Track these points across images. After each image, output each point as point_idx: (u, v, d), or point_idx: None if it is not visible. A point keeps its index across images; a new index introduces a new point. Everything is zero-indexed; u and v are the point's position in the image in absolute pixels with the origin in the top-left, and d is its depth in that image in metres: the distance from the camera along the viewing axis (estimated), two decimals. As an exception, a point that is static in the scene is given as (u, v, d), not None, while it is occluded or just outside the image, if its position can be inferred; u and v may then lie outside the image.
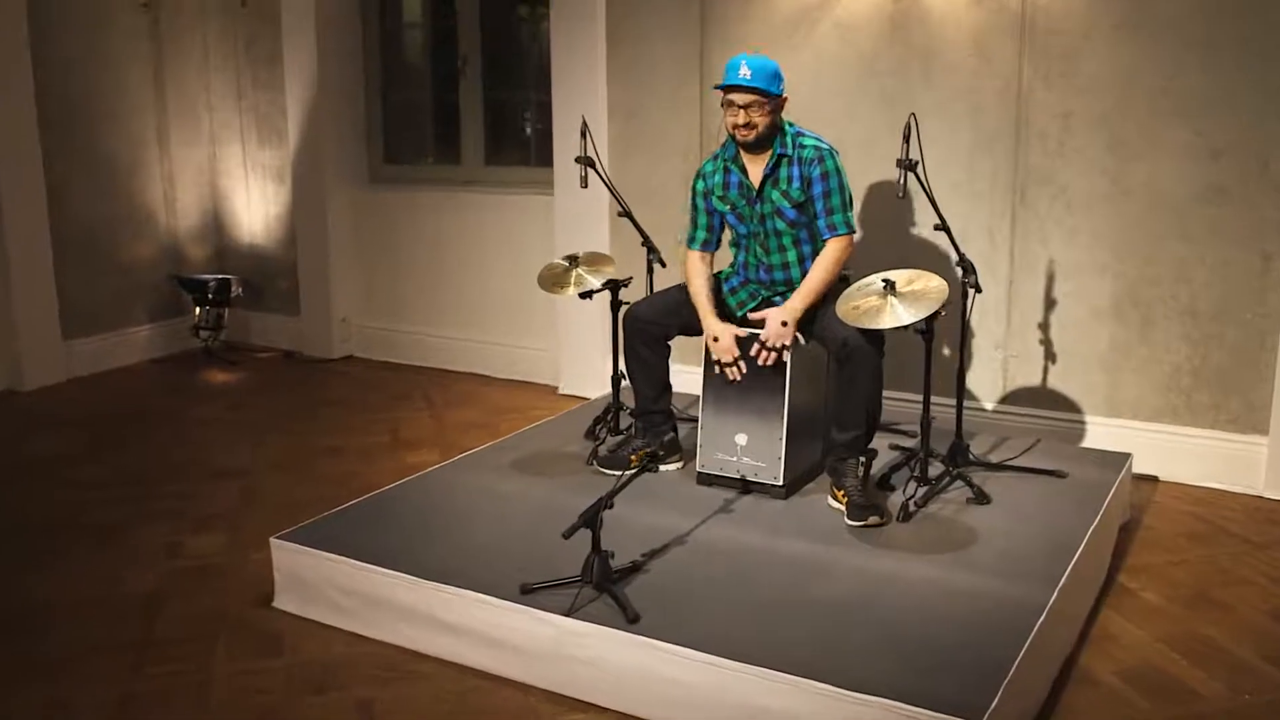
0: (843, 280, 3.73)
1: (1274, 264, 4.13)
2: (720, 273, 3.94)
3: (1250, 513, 4.09)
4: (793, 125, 3.71)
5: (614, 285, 4.15)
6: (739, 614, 2.90)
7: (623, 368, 4.06)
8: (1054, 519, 3.49)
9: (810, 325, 3.65)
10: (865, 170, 4.58)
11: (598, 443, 4.17)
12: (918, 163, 3.37)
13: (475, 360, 6.10)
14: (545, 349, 5.80)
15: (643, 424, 3.97)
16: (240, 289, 6.60)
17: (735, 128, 3.61)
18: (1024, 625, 2.74)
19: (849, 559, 3.23)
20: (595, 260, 4.22)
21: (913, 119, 3.37)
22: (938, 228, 3.58)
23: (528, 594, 2.97)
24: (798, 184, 3.65)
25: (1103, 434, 4.47)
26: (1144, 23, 4.20)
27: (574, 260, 4.18)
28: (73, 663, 3.09)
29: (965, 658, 2.65)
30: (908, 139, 3.33)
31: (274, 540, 3.39)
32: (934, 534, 3.40)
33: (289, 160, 6.42)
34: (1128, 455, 4.05)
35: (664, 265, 4.28)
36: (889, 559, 3.22)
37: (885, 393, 3.67)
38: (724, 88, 3.59)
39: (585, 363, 5.48)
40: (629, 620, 2.83)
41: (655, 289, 4.14)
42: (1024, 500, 3.67)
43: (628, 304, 3.96)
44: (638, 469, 3.47)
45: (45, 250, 5.90)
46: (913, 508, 3.51)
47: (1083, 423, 4.53)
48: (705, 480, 3.78)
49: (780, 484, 3.65)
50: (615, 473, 3.64)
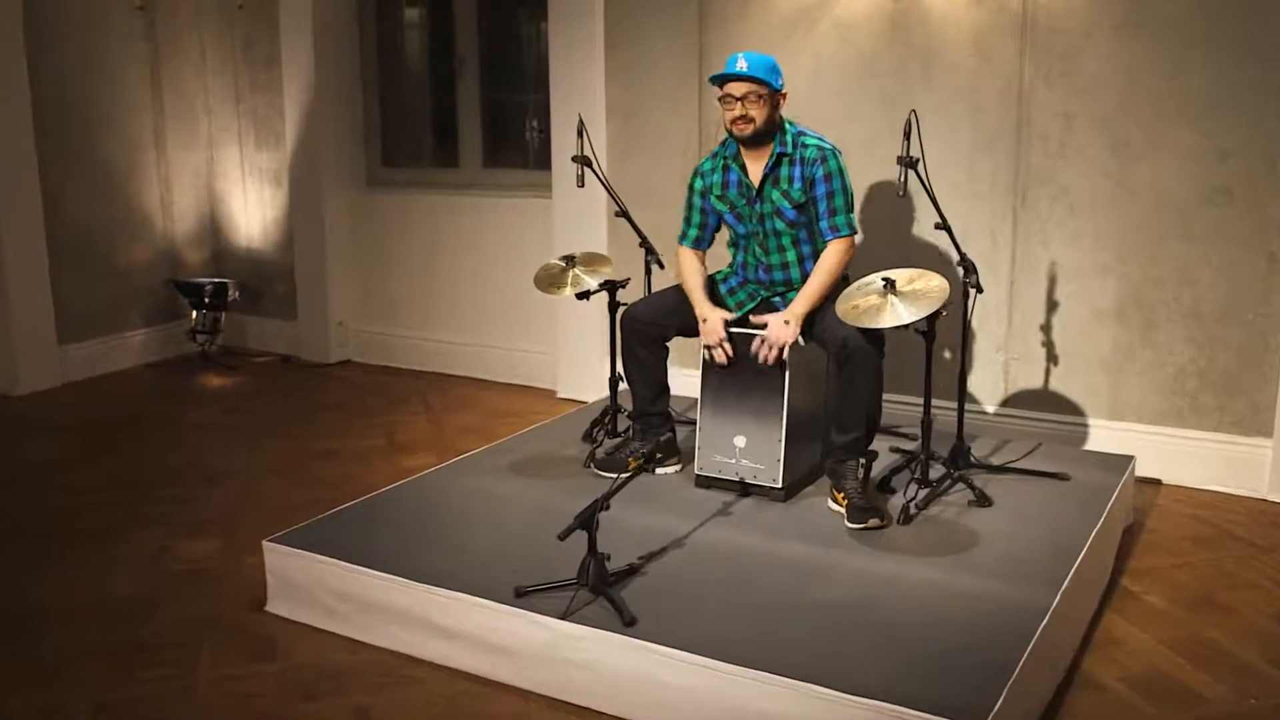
0: (842, 280, 3.69)
1: (1279, 265, 4.09)
2: (718, 273, 3.91)
3: (1255, 516, 4.05)
4: (794, 124, 3.68)
5: (611, 286, 4.11)
6: (737, 617, 2.86)
7: (620, 370, 4.02)
8: (1057, 521, 3.45)
9: (810, 326, 3.61)
10: (865, 171, 4.55)
11: (595, 445, 4.13)
12: (918, 160, 3.33)
13: (473, 364, 6.06)
14: (544, 353, 5.77)
15: (640, 426, 3.93)
16: (237, 293, 6.57)
17: (733, 122, 3.57)
18: (1027, 628, 2.70)
19: (849, 561, 3.19)
20: (592, 261, 4.18)
21: (913, 115, 3.33)
22: (938, 226, 3.54)
23: (523, 597, 2.93)
24: (799, 184, 3.61)
25: (1105, 437, 4.43)
26: (1144, 22, 4.17)
27: (571, 260, 4.14)
28: (67, 667, 3.06)
29: (967, 661, 2.61)
30: (908, 136, 3.29)
31: (266, 543, 3.35)
32: (935, 536, 3.36)
33: (286, 163, 6.38)
34: (1131, 458, 4.01)
35: (662, 267, 4.25)
36: (889, 561, 3.18)
37: (885, 395, 3.63)
38: (720, 79, 3.55)
39: (584, 366, 5.45)
40: (625, 623, 2.79)
41: (653, 290, 4.11)
42: (1026, 503, 3.63)
43: (625, 305, 3.92)
44: (635, 470, 3.43)
45: (40, 254, 5.87)
46: (913, 510, 3.47)
47: (1085, 426, 4.49)
48: (703, 483, 3.74)
49: (779, 486, 3.61)
50: (613, 475, 3.59)
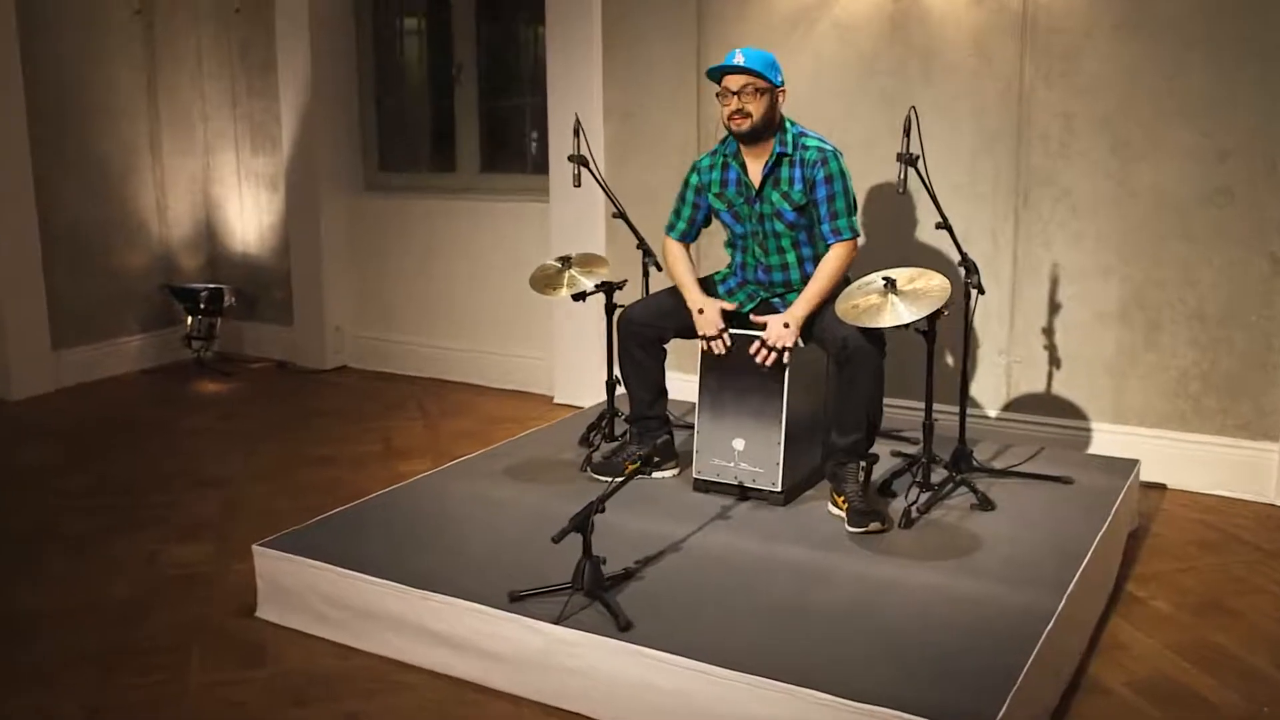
0: (843, 282, 3.63)
1: (1283, 266, 4.06)
2: (716, 274, 3.86)
3: (1261, 520, 3.99)
4: (795, 125, 3.63)
5: (608, 288, 4.06)
6: (735, 622, 2.81)
7: (617, 373, 3.97)
8: (1060, 525, 3.40)
9: (809, 326, 3.55)
10: (865, 171, 4.49)
11: (592, 449, 4.08)
12: (919, 157, 3.28)
13: (470, 370, 6.01)
14: (541, 358, 5.72)
15: (638, 429, 3.88)
16: (233, 299, 6.52)
17: (730, 116, 3.52)
18: (1031, 632, 2.64)
19: (849, 565, 3.13)
20: (589, 262, 4.13)
21: (913, 112, 3.28)
22: (939, 226, 3.49)
23: (516, 602, 2.87)
24: (799, 186, 3.56)
25: (1109, 441, 4.37)
26: (1145, 22, 4.13)
27: (567, 261, 4.09)
28: (59, 671, 3.02)
29: (970, 666, 2.56)
30: (908, 132, 3.24)
31: (256, 547, 3.30)
32: (937, 540, 3.31)
33: (283, 168, 6.34)
34: (1135, 462, 3.96)
35: (659, 269, 4.19)
36: (890, 565, 3.13)
37: (886, 399, 3.58)
38: (717, 72, 3.51)
39: (581, 372, 5.39)
40: (621, 628, 2.73)
41: (650, 292, 4.05)
42: (1029, 507, 3.57)
43: (622, 307, 3.87)
44: (631, 473, 3.37)
45: (35, 259, 5.83)
46: (915, 514, 3.42)
47: (1088, 430, 4.44)
48: (701, 486, 3.69)
49: (778, 490, 3.56)
50: (610, 479, 3.54)
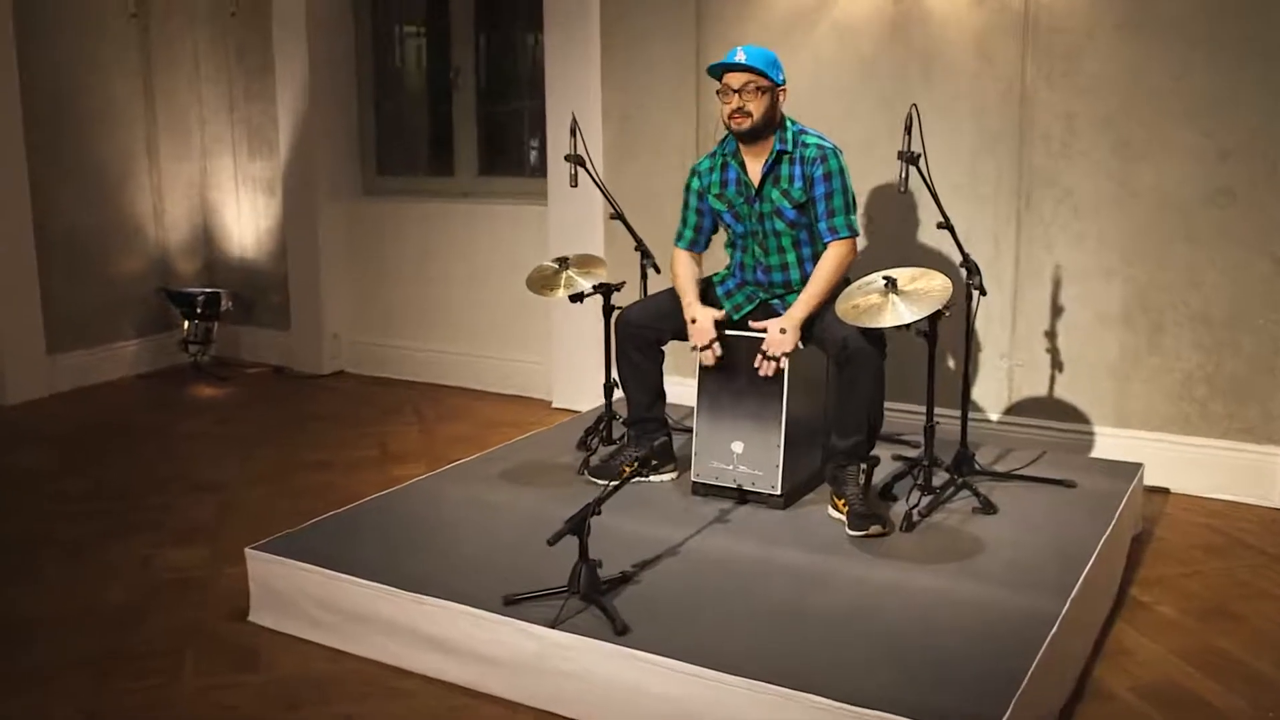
0: (843, 283, 3.59)
1: (1287, 267, 4.01)
2: (715, 275, 3.82)
3: (1267, 525, 3.95)
4: (795, 123, 3.60)
5: (606, 290, 4.02)
6: (733, 626, 2.77)
7: (615, 375, 3.93)
8: (1064, 529, 3.35)
9: (809, 327, 3.51)
10: (865, 172, 4.45)
11: (589, 453, 4.03)
12: (919, 155, 3.24)
13: (467, 374, 5.97)
14: (539, 362, 5.68)
15: (636, 432, 3.83)
16: (230, 303, 6.48)
17: (730, 115, 3.48)
18: (1035, 636, 2.60)
19: (849, 569, 3.09)
20: (586, 262, 4.09)
21: (914, 110, 3.24)
22: (941, 226, 3.45)
23: (511, 605, 2.83)
24: (799, 183, 3.53)
25: (1112, 445, 4.32)
26: (1147, 22, 4.10)
27: (564, 262, 4.05)
28: (53, 676, 2.98)
29: (972, 670, 2.51)
30: (909, 130, 3.20)
31: (249, 551, 3.26)
32: (938, 544, 3.26)
33: (280, 172, 6.30)
34: (1139, 465, 3.92)
35: (658, 271, 4.15)
36: (891, 569, 3.08)
37: (886, 403, 3.54)
38: (718, 69, 3.48)
39: (580, 376, 5.34)
40: (617, 632, 2.69)
41: (649, 294, 4.01)
42: (1032, 510, 3.53)
43: (620, 309, 3.83)
44: (629, 475, 3.33)
45: (30, 262, 5.78)
46: (916, 517, 3.37)
47: (1091, 434, 4.39)
48: (700, 490, 3.64)
49: (778, 493, 3.51)
50: (607, 482, 3.50)
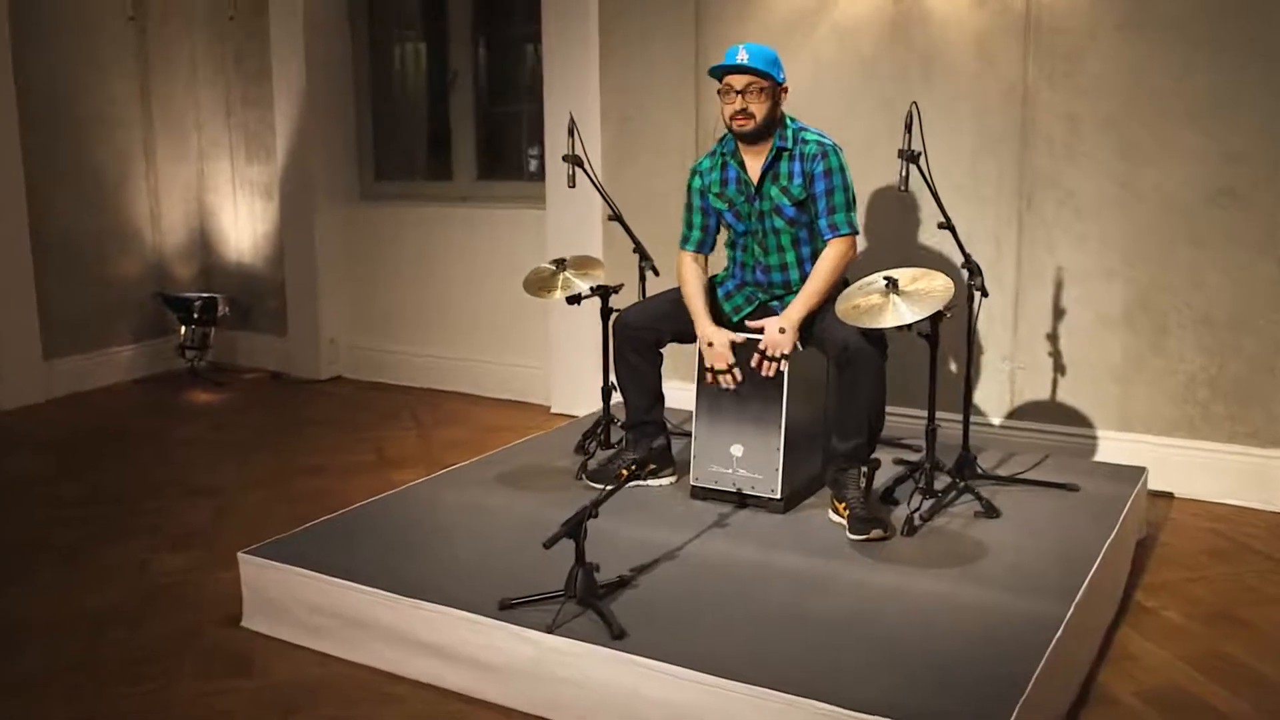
0: (842, 284, 3.56)
1: (1292, 269, 3.97)
2: (715, 276, 3.78)
3: (1273, 529, 3.90)
4: (795, 120, 3.56)
5: (604, 292, 3.98)
6: (731, 631, 2.72)
7: (613, 379, 3.88)
8: (1067, 533, 3.31)
9: (809, 329, 3.47)
10: (866, 174, 4.40)
11: (587, 457, 3.99)
12: (920, 154, 3.20)
13: (466, 380, 5.93)
14: (538, 367, 5.64)
15: (634, 436, 3.79)
16: (226, 308, 6.45)
17: (733, 117, 3.44)
18: (1039, 640, 2.55)
19: (849, 573, 3.05)
20: (584, 264, 4.05)
21: (914, 107, 3.21)
22: (942, 226, 3.41)
23: (507, 610, 2.79)
24: (799, 180, 3.49)
25: (1115, 449, 4.28)
26: (1149, 22, 4.06)
27: (561, 264, 4.01)
28: (45, 681, 2.95)
29: (975, 675, 2.47)
30: (909, 128, 3.16)
31: (242, 555, 3.22)
32: (940, 548, 3.22)
33: (277, 177, 6.28)
34: (1143, 469, 3.87)
35: (657, 274, 4.11)
36: (892, 573, 3.04)
37: (887, 407, 3.49)
38: (720, 70, 3.44)
39: (578, 381, 5.30)
40: (614, 637, 2.65)
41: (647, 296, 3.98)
42: (1035, 514, 3.48)
43: (618, 311, 3.79)
44: (626, 478, 3.29)
45: (26, 267, 5.76)
46: (918, 521, 3.33)
47: (1094, 438, 4.35)
48: (699, 494, 3.60)
49: (778, 497, 3.47)
50: (605, 487, 3.46)
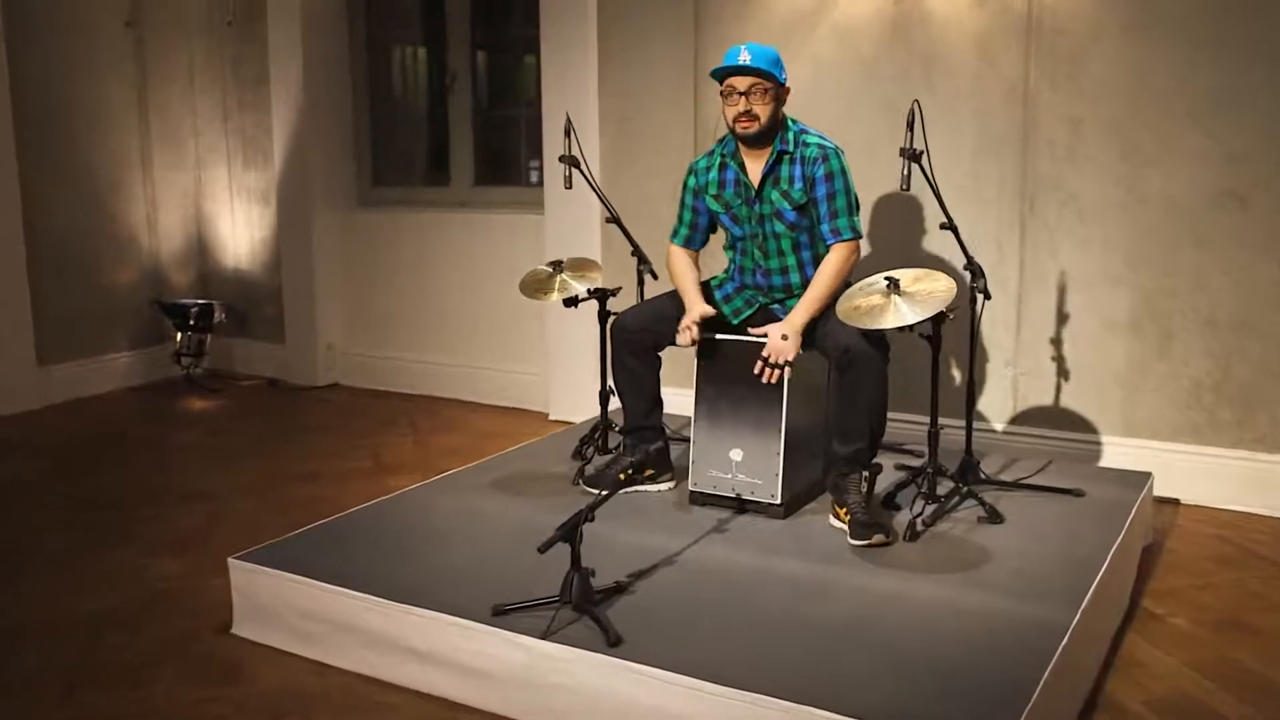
0: (844, 287, 3.50)
1: (1298, 272, 3.92)
2: (713, 279, 3.73)
3: (1279, 536, 3.84)
4: (796, 122, 3.51)
5: (601, 295, 3.92)
6: (730, 637, 2.67)
7: (611, 383, 3.83)
8: (1073, 538, 3.25)
9: (810, 332, 3.42)
10: (867, 176, 4.34)
11: (584, 462, 3.94)
12: (922, 152, 3.15)
13: (463, 386, 5.89)
14: (536, 374, 5.59)
15: (632, 441, 3.73)
16: (223, 315, 6.40)
17: (736, 119, 3.40)
18: (1045, 646, 2.49)
19: (850, 578, 2.99)
20: (581, 266, 4.00)
21: (915, 105, 3.15)
22: (944, 227, 3.36)
23: (500, 616, 2.73)
24: (800, 184, 3.44)
25: (1120, 455, 4.23)
26: (1151, 23, 4.02)
27: (559, 266, 3.96)
28: (36, 686, 2.89)
29: (979, 681, 2.41)
30: (911, 126, 3.11)
31: (232, 561, 3.17)
32: (943, 553, 3.16)
33: (275, 183, 6.24)
34: (1148, 474, 3.81)
35: (655, 277, 4.06)
36: (894, 578, 2.98)
37: (889, 413, 3.44)
38: (722, 72, 3.39)
39: (577, 387, 5.26)
40: (610, 643, 2.59)
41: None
42: (1040, 519, 3.43)
43: (616, 315, 3.75)
44: (624, 481, 3.24)
45: (21, 273, 5.72)
46: (920, 526, 3.27)
47: (1098, 443, 4.30)
48: (698, 499, 3.54)
49: (778, 502, 3.41)
50: (601, 491, 3.41)
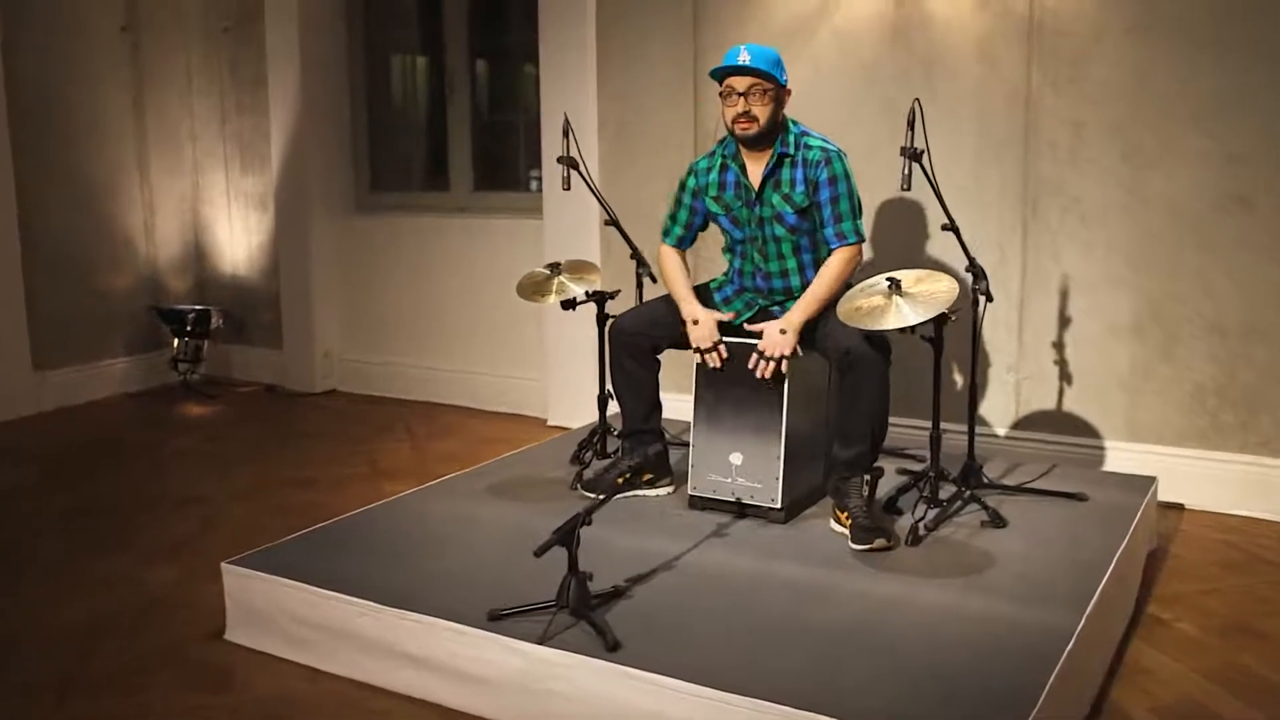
0: (844, 289, 3.47)
1: (1304, 275, 3.89)
2: (713, 281, 3.70)
3: (1286, 541, 3.81)
4: (797, 124, 3.48)
5: (600, 298, 3.89)
6: (729, 641, 2.62)
7: (610, 387, 3.79)
8: (1077, 542, 3.21)
9: (810, 334, 3.38)
10: (868, 179, 4.28)
11: (583, 467, 3.89)
12: (923, 152, 3.11)
13: (462, 392, 5.85)
14: (535, 379, 5.56)
15: (630, 445, 3.69)
16: (220, 320, 6.37)
17: (735, 120, 3.36)
18: (1050, 651, 2.45)
19: (851, 583, 2.94)
20: (579, 268, 3.96)
21: (916, 104, 3.12)
22: (946, 228, 3.33)
23: (496, 621, 2.69)
24: (801, 187, 3.40)
25: (1124, 459, 4.18)
26: (1153, 25, 3.99)
27: (556, 268, 3.93)
28: (28, 694, 2.85)
29: (982, 687, 2.37)
30: (912, 125, 3.07)
31: (225, 565, 3.12)
32: (945, 558, 3.12)
33: (272, 187, 6.21)
34: (1153, 479, 3.77)
35: (654, 280, 4.03)
36: (895, 583, 2.94)
37: (890, 417, 3.40)
38: (721, 72, 3.36)
39: (575, 393, 5.22)
40: (608, 648, 2.55)
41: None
42: (1043, 524, 3.38)
43: (614, 317, 3.71)
44: (622, 484, 3.20)
45: (16, 279, 5.68)
46: (922, 531, 3.23)
47: (1102, 448, 4.25)
48: (697, 503, 3.50)
49: (778, 506, 3.37)
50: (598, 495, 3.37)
